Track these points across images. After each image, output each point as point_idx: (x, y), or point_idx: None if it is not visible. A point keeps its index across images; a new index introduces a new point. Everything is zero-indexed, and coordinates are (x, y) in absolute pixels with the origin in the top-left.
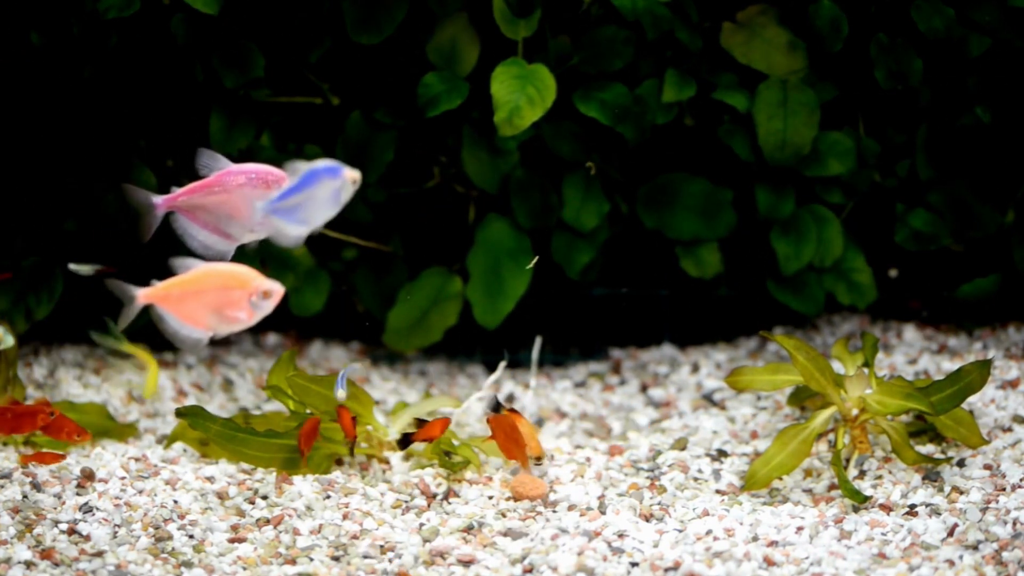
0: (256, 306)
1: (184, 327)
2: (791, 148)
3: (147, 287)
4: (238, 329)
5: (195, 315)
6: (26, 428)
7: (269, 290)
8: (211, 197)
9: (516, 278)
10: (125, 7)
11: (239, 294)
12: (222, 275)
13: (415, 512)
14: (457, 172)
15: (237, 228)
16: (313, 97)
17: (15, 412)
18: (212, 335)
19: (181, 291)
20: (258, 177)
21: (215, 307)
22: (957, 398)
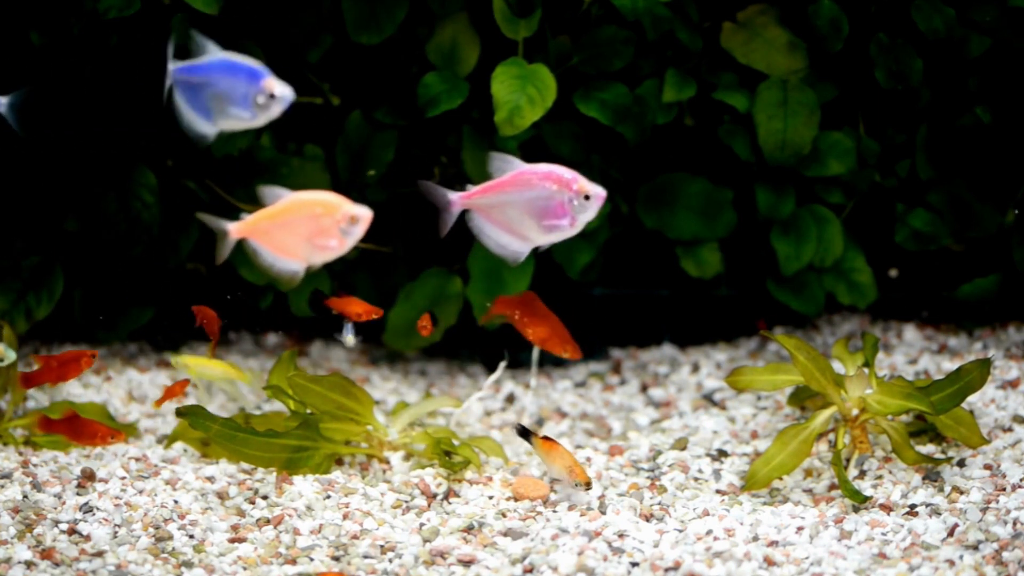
0: (346, 232)
1: (279, 259)
2: (791, 148)
3: (238, 221)
4: (331, 258)
5: (288, 246)
6: (72, 374)
7: (357, 215)
8: (505, 196)
9: (516, 278)
10: (125, 7)
11: (329, 221)
12: (310, 203)
13: (415, 512)
14: (457, 172)
15: (531, 228)
16: (313, 97)
17: (60, 360)
18: (307, 265)
19: (271, 223)
20: (552, 176)
21: (307, 236)
22: (957, 398)
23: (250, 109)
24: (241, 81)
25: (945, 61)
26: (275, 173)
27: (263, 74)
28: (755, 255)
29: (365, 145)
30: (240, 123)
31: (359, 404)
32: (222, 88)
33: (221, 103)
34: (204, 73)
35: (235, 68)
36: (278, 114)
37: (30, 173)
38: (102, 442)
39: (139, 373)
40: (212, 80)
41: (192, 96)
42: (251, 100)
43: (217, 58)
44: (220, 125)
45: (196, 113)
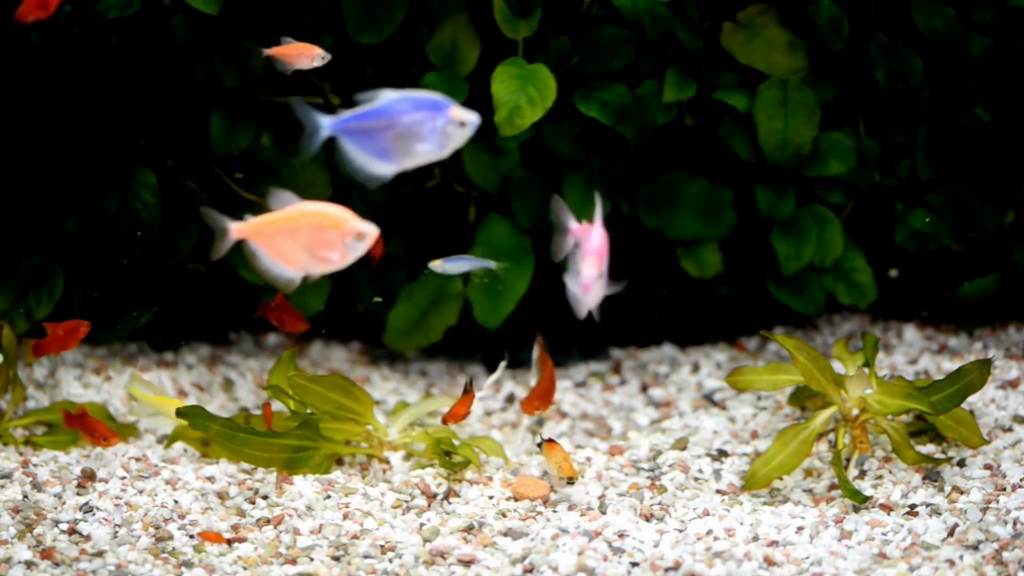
0: (350, 248)
1: (276, 265)
2: (791, 148)
3: (240, 221)
4: (329, 271)
5: (288, 253)
6: (73, 343)
7: (363, 232)
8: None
9: (517, 278)
10: (125, 7)
11: (334, 235)
12: (317, 215)
13: (415, 512)
14: (457, 172)
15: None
16: (314, 97)
17: (63, 328)
18: (305, 275)
19: (275, 228)
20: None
21: (309, 246)
22: (957, 398)
23: (437, 141)
24: (425, 115)
25: (945, 61)
26: (275, 173)
27: (447, 104)
28: (755, 255)
29: None
30: (426, 157)
31: (359, 404)
32: (405, 127)
33: (405, 141)
34: (381, 117)
35: (416, 104)
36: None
37: (30, 173)
38: (96, 442)
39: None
40: (393, 122)
41: (365, 141)
42: (438, 132)
43: (393, 98)
44: (404, 164)
45: (371, 156)
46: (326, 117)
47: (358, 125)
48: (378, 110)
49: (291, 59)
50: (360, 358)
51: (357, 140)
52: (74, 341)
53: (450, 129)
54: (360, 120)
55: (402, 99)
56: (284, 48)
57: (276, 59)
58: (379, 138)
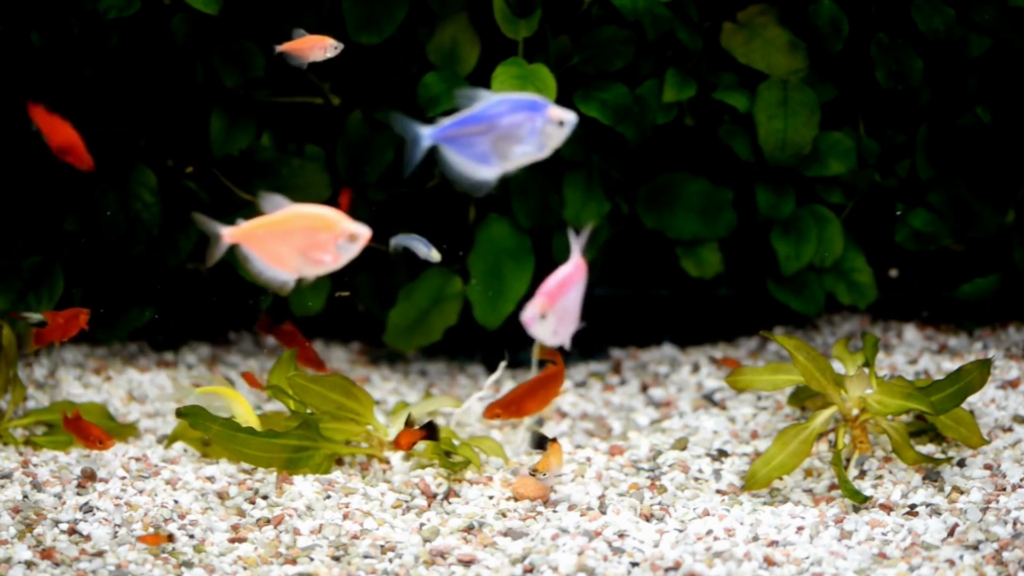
0: (342, 249)
1: (269, 268)
2: (791, 148)
3: (233, 225)
4: (322, 273)
5: (280, 256)
6: (73, 331)
7: (355, 233)
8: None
9: (517, 278)
10: (125, 7)
11: (326, 236)
12: (309, 217)
13: (415, 512)
14: None
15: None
16: (313, 97)
17: (65, 316)
18: (297, 278)
19: (267, 231)
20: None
21: (301, 249)
22: (957, 398)
23: (537, 142)
24: (524, 116)
25: (945, 61)
26: (275, 173)
27: (544, 104)
28: (755, 255)
29: (365, 145)
30: (527, 158)
31: (359, 404)
32: (504, 129)
33: (505, 144)
34: (480, 122)
35: (514, 106)
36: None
37: (30, 173)
38: (91, 445)
39: (139, 373)
40: (492, 126)
41: (465, 147)
42: (538, 133)
43: (490, 102)
44: (505, 166)
45: (472, 161)
46: (425, 127)
47: (458, 132)
48: (476, 115)
49: (304, 52)
50: (360, 358)
51: (458, 147)
52: (75, 329)
53: (549, 129)
54: (459, 127)
55: (500, 101)
56: (296, 42)
57: (289, 54)
58: (479, 143)
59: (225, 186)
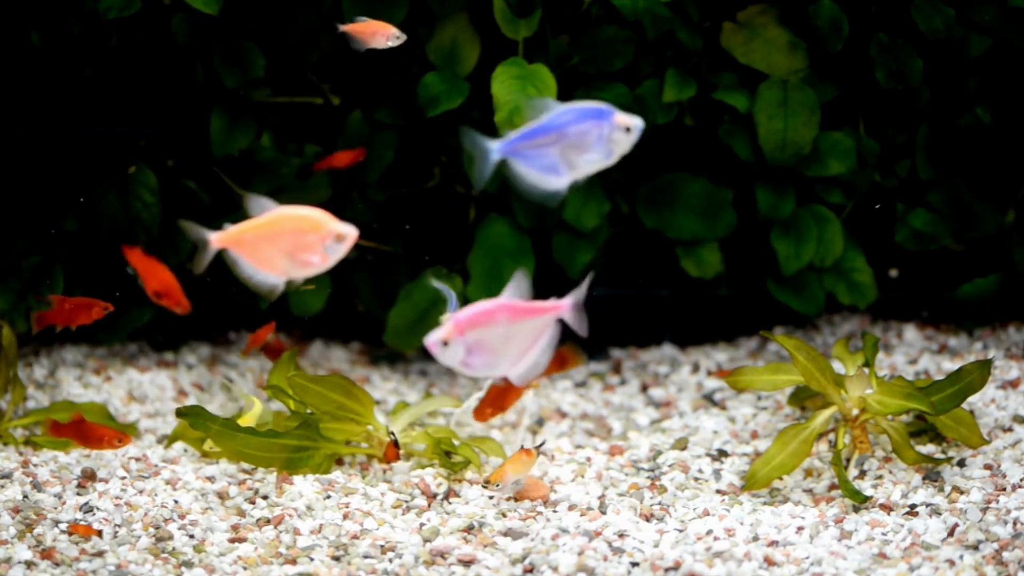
0: (330, 250)
1: (258, 272)
2: (791, 148)
3: (220, 231)
4: (311, 274)
5: (269, 260)
6: (80, 319)
7: (343, 233)
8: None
9: None
10: (125, 7)
11: (313, 238)
12: (296, 219)
13: (415, 512)
14: (457, 172)
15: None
16: (313, 97)
17: (74, 303)
18: (287, 280)
19: (255, 235)
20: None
21: (289, 251)
22: (957, 398)
23: (604, 149)
24: (591, 124)
25: (945, 61)
26: (275, 173)
27: (609, 111)
28: (755, 255)
29: (365, 145)
30: (595, 166)
31: (359, 404)
32: (572, 138)
33: (573, 153)
34: (548, 132)
35: (581, 115)
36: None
37: (30, 173)
38: (109, 445)
39: (139, 373)
40: (560, 135)
41: (534, 158)
42: (605, 140)
43: (556, 112)
44: (574, 174)
45: (542, 172)
46: (493, 141)
47: (526, 144)
48: (543, 126)
49: (367, 37)
50: (360, 358)
51: (527, 159)
52: (83, 318)
53: (616, 135)
54: (527, 139)
55: (566, 111)
56: (361, 25)
57: (352, 36)
58: (547, 153)
59: (225, 186)
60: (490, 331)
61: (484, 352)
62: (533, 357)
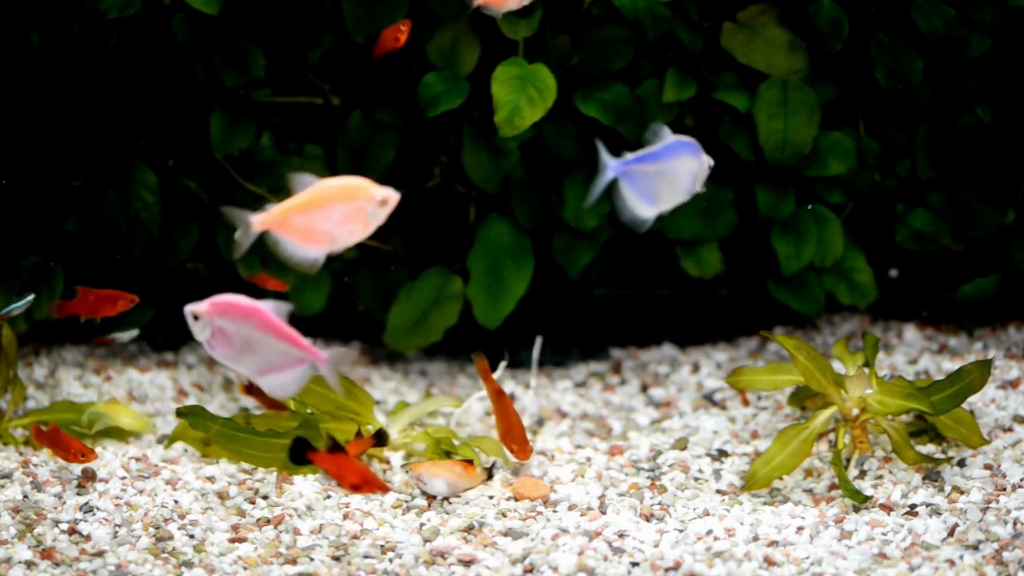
0: (373, 216)
1: (300, 249)
2: (792, 148)
3: (261, 212)
4: (354, 242)
5: (313, 234)
6: (104, 311)
7: (386, 198)
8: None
9: (517, 278)
10: (125, 7)
11: (358, 205)
12: (339, 189)
13: (415, 512)
14: (457, 172)
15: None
16: (313, 97)
17: (98, 295)
18: (329, 251)
19: (299, 212)
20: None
21: (334, 223)
22: (957, 398)
23: (692, 186)
24: (687, 160)
25: (945, 61)
26: (275, 173)
27: (699, 148)
28: (755, 255)
29: (365, 145)
30: (678, 201)
31: (359, 404)
32: (671, 171)
33: (669, 184)
34: (659, 159)
35: (682, 148)
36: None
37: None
38: (74, 459)
39: (139, 373)
40: (665, 166)
41: (639, 184)
42: (695, 176)
43: (668, 142)
44: (661, 206)
45: (640, 199)
46: (613, 158)
47: (639, 168)
48: (657, 153)
49: (500, 2)
50: (360, 358)
51: (633, 183)
52: (107, 310)
53: (703, 171)
54: (641, 163)
55: (676, 143)
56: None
57: (485, 6)
58: (650, 182)
59: (225, 186)
60: (238, 328)
61: (226, 344)
62: (279, 379)
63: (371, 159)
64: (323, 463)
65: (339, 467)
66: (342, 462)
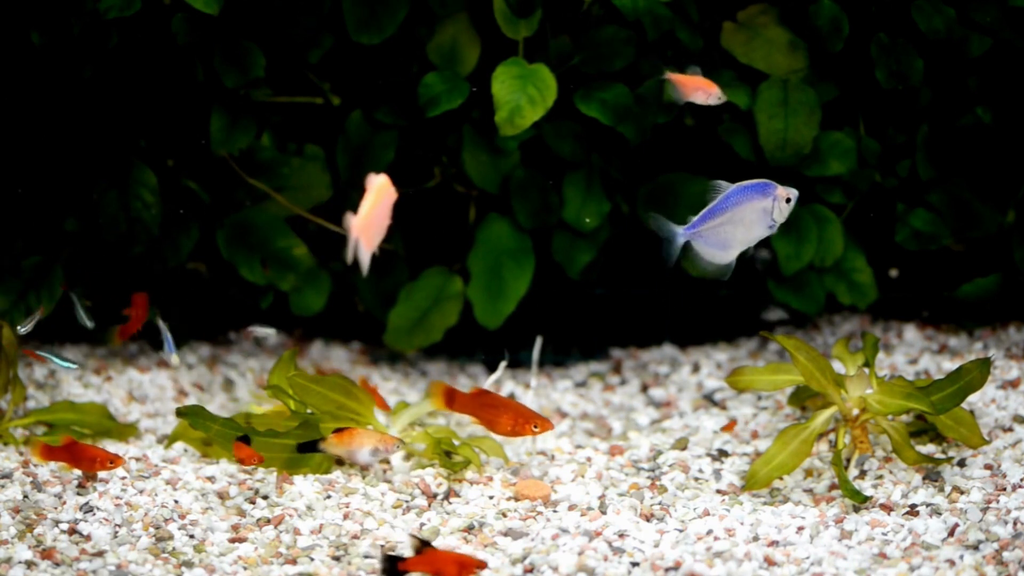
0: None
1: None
2: (792, 148)
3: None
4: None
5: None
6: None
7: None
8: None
9: (517, 278)
10: (126, 7)
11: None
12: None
13: (416, 512)
14: (458, 172)
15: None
16: (314, 97)
17: (137, 306)
18: None
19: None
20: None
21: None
22: (957, 398)
23: (769, 222)
24: (754, 202)
25: (945, 61)
26: (275, 173)
27: (771, 186)
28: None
29: (365, 145)
30: (756, 238)
31: (359, 404)
32: (738, 217)
33: (742, 228)
34: (722, 211)
35: (743, 193)
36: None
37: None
38: (102, 467)
39: (139, 373)
40: (728, 216)
41: (711, 238)
42: (769, 213)
43: (729, 191)
44: (739, 248)
45: (716, 249)
46: (679, 227)
47: (706, 227)
48: (717, 207)
49: (688, 90)
50: (360, 358)
51: (704, 240)
52: (143, 315)
53: (779, 207)
54: (706, 221)
55: (736, 191)
56: (684, 77)
57: (673, 85)
58: (721, 232)
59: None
60: None
61: None
62: None
63: (371, 159)
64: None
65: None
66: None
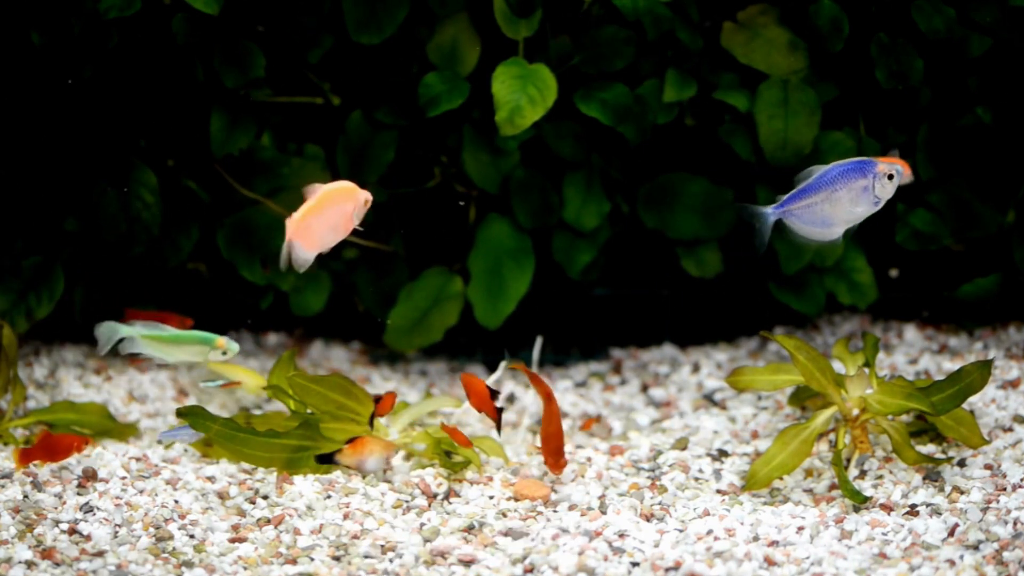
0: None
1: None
2: (792, 148)
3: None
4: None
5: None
6: None
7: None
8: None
9: (517, 278)
10: (126, 7)
11: (352, 207)
12: (338, 192)
13: (416, 512)
14: (458, 172)
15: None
16: (314, 97)
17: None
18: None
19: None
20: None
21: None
22: (958, 398)
23: (870, 199)
24: (856, 181)
25: (945, 61)
26: (275, 173)
27: (870, 163)
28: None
29: (365, 145)
30: (861, 215)
31: (359, 404)
32: (835, 196)
33: (842, 205)
34: (815, 191)
35: (845, 171)
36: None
37: (30, 173)
38: (78, 450)
39: (139, 373)
40: (823, 195)
41: (806, 216)
42: (871, 191)
43: (824, 171)
44: (847, 224)
45: (815, 227)
46: (767, 207)
47: (796, 205)
48: (811, 186)
49: None
50: (360, 358)
51: (799, 217)
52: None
53: (881, 183)
54: (797, 200)
55: (831, 169)
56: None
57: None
58: (818, 210)
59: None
60: None
61: None
62: None
63: (371, 159)
64: None
65: None
66: None
